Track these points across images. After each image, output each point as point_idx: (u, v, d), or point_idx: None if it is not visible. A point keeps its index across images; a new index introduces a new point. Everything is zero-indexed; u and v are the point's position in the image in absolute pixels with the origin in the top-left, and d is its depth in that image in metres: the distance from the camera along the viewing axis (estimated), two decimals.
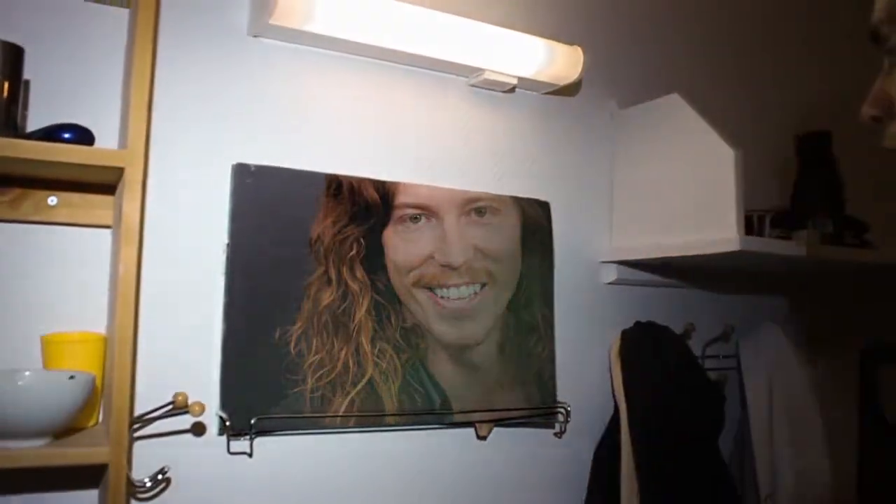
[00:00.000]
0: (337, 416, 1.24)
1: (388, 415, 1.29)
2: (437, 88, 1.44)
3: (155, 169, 1.18)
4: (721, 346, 1.79)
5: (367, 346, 1.28)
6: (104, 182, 1.11)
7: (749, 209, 1.71)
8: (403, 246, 1.33)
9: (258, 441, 1.21)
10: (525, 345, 1.45)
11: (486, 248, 1.42)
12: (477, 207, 1.42)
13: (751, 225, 1.69)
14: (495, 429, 1.44)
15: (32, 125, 1.07)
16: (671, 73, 1.76)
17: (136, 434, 1.14)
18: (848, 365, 1.89)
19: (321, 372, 1.24)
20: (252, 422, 1.15)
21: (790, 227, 1.57)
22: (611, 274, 1.62)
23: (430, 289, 1.35)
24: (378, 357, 1.29)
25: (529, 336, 1.46)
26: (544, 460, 1.51)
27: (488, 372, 1.40)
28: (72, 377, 0.98)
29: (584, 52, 1.47)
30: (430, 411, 1.33)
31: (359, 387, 1.26)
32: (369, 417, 1.27)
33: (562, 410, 1.49)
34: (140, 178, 1.00)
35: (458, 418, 1.37)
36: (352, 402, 1.25)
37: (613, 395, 1.55)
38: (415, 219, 1.35)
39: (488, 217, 1.43)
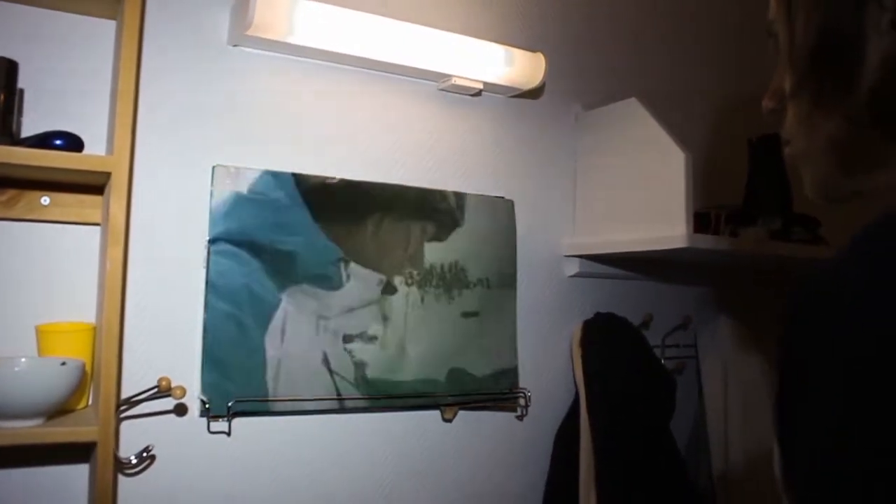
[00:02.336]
0: (309, 399, 1.34)
1: (357, 398, 1.39)
2: (408, 93, 1.54)
3: (141, 171, 1.27)
4: (681, 336, 1.89)
5: (339, 335, 1.38)
6: (94, 183, 1.20)
7: (708, 206, 1.82)
8: (374, 243, 1.43)
9: (236, 422, 1.31)
10: (488, 333, 1.55)
11: (455, 242, 1.51)
12: (445, 205, 1.52)
13: (707, 221, 1.79)
14: (460, 412, 1.54)
15: (27, 131, 1.15)
16: (634, 77, 1.85)
17: (124, 415, 1.23)
18: None
19: (295, 359, 1.33)
20: (229, 404, 1.25)
21: (742, 224, 1.67)
22: (573, 267, 1.71)
23: (403, 282, 1.45)
24: (350, 343, 1.39)
25: (493, 325, 1.56)
26: (507, 442, 1.61)
27: (453, 358, 1.50)
28: (63, 363, 1.07)
29: (549, 58, 1.56)
30: (398, 395, 1.43)
31: (331, 372, 1.36)
32: (341, 400, 1.37)
33: (522, 395, 1.59)
34: (125, 181, 1.09)
35: (424, 402, 1.47)
36: (324, 386, 1.35)
37: (574, 382, 1.65)
38: (386, 216, 1.45)
39: (455, 214, 1.52)
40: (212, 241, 1.29)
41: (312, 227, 1.37)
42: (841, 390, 0.43)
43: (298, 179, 1.37)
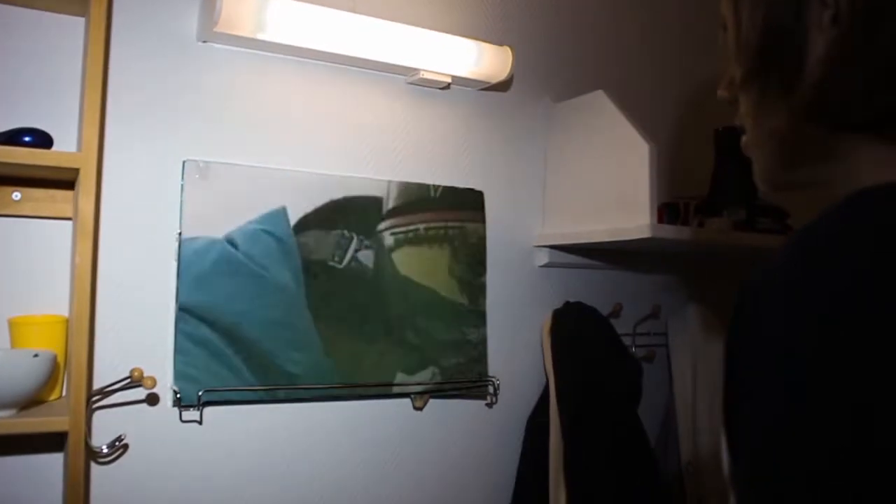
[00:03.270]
0: (279, 388, 1.37)
1: (327, 386, 1.42)
2: (377, 87, 1.56)
3: (111, 166, 1.29)
4: (652, 324, 1.93)
5: (310, 323, 1.41)
6: (64, 179, 1.22)
7: (678, 196, 1.85)
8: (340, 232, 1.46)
9: (208, 410, 1.34)
10: (459, 322, 1.58)
11: (424, 233, 1.54)
12: (416, 196, 1.54)
13: (677, 211, 1.83)
14: (431, 400, 1.57)
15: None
16: (605, 69, 1.88)
17: (98, 405, 1.26)
18: None
19: (265, 348, 1.36)
20: (199, 394, 1.28)
21: (708, 214, 1.70)
22: (543, 257, 1.75)
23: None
24: (321, 332, 1.42)
25: (463, 314, 1.59)
26: (478, 429, 1.65)
27: (424, 347, 1.53)
28: (36, 355, 1.09)
29: (519, 51, 1.59)
30: (367, 384, 1.46)
31: (301, 361, 1.39)
32: (310, 389, 1.40)
33: (492, 383, 1.63)
34: (94, 177, 1.11)
35: (395, 390, 1.50)
36: (294, 375, 1.39)
37: (545, 369, 1.69)
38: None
39: (426, 205, 1.55)
40: (182, 233, 1.32)
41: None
42: (777, 389, 0.43)
43: (267, 173, 1.40)
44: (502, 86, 1.67)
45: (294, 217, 1.42)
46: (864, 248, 0.44)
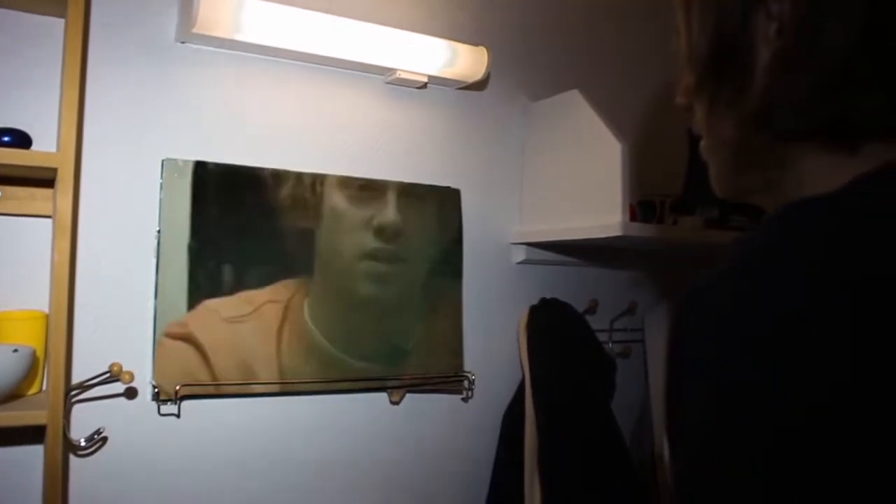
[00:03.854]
0: (255, 383, 1.40)
1: (303, 381, 1.45)
2: (354, 87, 1.59)
3: (90, 165, 1.32)
4: (628, 321, 1.96)
5: (288, 319, 1.44)
6: (44, 177, 1.25)
7: (655, 193, 1.88)
8: (327, 232, 1.49)
9: (186, 404, 1.37)
10: (435, 317, 1.61)
11: (402, 230, 1.57)
12: (394, 194, 1.57)
13: (653, 209, 1.86)
14: (407, 395, 1.60)
15: None
16: (580, 69, 1.90)
17: (77, 399, 1.29)
18: None
19: (242, 342, 1.39)
20: (177, 388, 1.31)
21: (681, 212, 1.74)
22: (520, 254, 1.78)
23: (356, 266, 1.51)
24: (299, 328, 1.45)
25: (440, 310, 1.62)
26: (453, 423, 1.68)
27: (400, 342, 1.56)
28: (16, 350, 1.12)
29: (496, 50, 1.62)
30: (345, 379, 1.49)
31: (279, 356, 1.42)
32: (288, 384, 1.43)
33: (466, 378, 1.66)
34: (71, 176, 1.14)
35: (372, 385, 1.53)
36: (271, 370, 1.41)
37: (521, 364, 1.72)
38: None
39: (403, 202, 1.58)
40: (161, 231, 1.34)
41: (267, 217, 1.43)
42: (706, 403, 0.44)
43: (245, 171, 1.42)
44: (479, 85, 1.70)
45: None
46: (794, 271, 0.44)
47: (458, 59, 1.58)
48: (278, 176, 1.46)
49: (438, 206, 1.64)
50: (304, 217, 1.48)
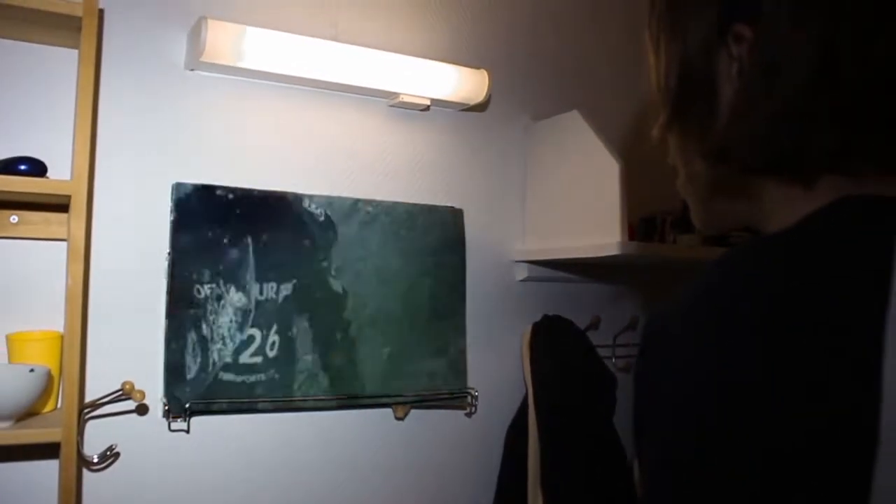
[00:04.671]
0: (264, 400, 1.44)
1: (310, 398, 1.49)
2: (359, 110, 1.63)
3: (104, 189, 1.36)
4: (631, 336, 1.98)
5: (295, 336, 1.48)
6: (58, 203, 1.29)
7: (659, 211, 1.90)
8: (334, 252, 1.53)
9: (195, 420, 1.42)
10: (439, 335, 1.65)
11: (406, 249, 1.61)
12: (398, 215, 1.61)
13: (655, 226, 1.89)
14: (412, 410, 1.64)
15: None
16: (581, 89, 1.94)
17: (91, 416, 1.33)
18: None
19: (249, 361, 1.43)
20: (187, 406, 1.35)
21: (682, 229, 1.76)
22: (523, 272, 1.81)
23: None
24: (303, 346, 1.49)
25: (444, 327, 1.66)
26: (457, 439, 1.72)
27: (405, 359, 1.60)
28: (32, 370, 1.17)
29: (498, 72, 1.66)
30: (351, 395, 1.53)
31: (286, 374, 1.46)
32: (294, 400, 1.47)
33: (469, 394, 1.69)
34: (84, 203, 1.19)
35: (377, 401, 1.57)
36: (279, 387, 1.45)
37: (524, 380, 1.75)
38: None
39: (407, 223, 1.62)
40: (172, 253, 1.39)
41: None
42: (666, 430, 0.48)
43: (254, 194, 1.47)
44: (480, 106, 1.74)
45: None
46: (755, 306, 0.46)
47: (461, 82, 1.62)
48: (286, 198, 1.50)
49: (442, 225, 1.67)
50: (310, 238, 1.52)
